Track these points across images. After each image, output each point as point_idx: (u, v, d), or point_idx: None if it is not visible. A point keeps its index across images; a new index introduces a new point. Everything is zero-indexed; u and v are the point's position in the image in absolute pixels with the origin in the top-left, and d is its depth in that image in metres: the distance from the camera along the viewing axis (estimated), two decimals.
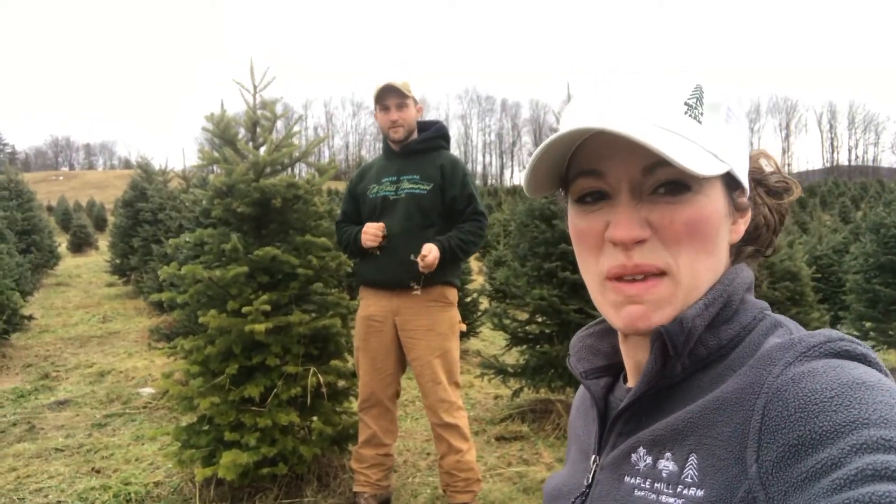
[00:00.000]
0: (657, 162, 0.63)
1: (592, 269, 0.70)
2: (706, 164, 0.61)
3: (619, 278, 0.67)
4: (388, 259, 3.12)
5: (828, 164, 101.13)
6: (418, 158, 3.24)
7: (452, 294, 3.24)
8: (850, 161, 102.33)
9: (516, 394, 5.05)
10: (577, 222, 0.71)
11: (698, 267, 0.65)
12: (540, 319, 5.06)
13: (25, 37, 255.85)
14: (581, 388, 0.87)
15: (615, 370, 0.81)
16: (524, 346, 5.11)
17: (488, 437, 4.57)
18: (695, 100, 0.65)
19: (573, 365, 0.82)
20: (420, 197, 3.15)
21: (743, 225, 0.71)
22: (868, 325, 7.27)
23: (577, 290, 4.78)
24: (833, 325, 9.06)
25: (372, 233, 3.10)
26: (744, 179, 0.69)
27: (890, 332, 6.87)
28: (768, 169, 0.77)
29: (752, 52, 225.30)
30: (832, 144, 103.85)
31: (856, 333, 7.57)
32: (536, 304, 4.79)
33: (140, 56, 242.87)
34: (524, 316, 5.26)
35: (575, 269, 4.75)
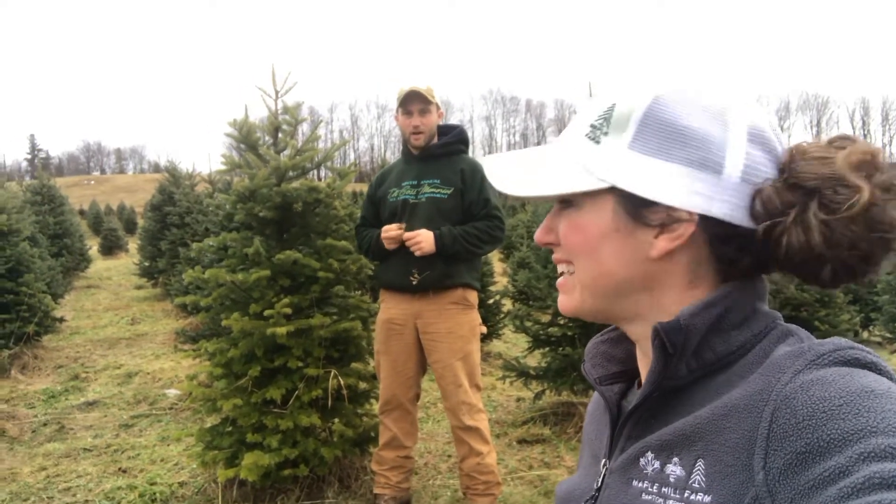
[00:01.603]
0: None
1: None
2: (559, 185, 0.69)
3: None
4: (409, 262, 3.13)
5: None
6: (438, 163, 3.24)
7: (473, 296, 3.24)
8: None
9: (538, 396, 5.03)
10: None
11: (585, 268, 0.73)
12: (562, 322, 5.04)
13: (60, 45, 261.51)
14: (595, 393, 0.87)
15: (629, 376, 0.81)
16: (546, 349, 5.09)
17: (510, 440, 4.56)
18: (602, 120, 0.69)
19: (588, 371, 0.83)
20: (440, 201, 3.15)
21: (666, 242, 0.67)
22: None
23: None
24: (865, 326, 8.89)
25: (392, 236, 3.11)
26: (654, 195, 0.66)
27: None
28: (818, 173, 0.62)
29: (782, 49, 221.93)
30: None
31: (889, 335, 7.42)
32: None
33: (170, 61, 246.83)
34: (546, 318, 5.24)
35: None
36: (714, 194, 0.65)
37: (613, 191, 0.68)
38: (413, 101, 3.17)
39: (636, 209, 0.68)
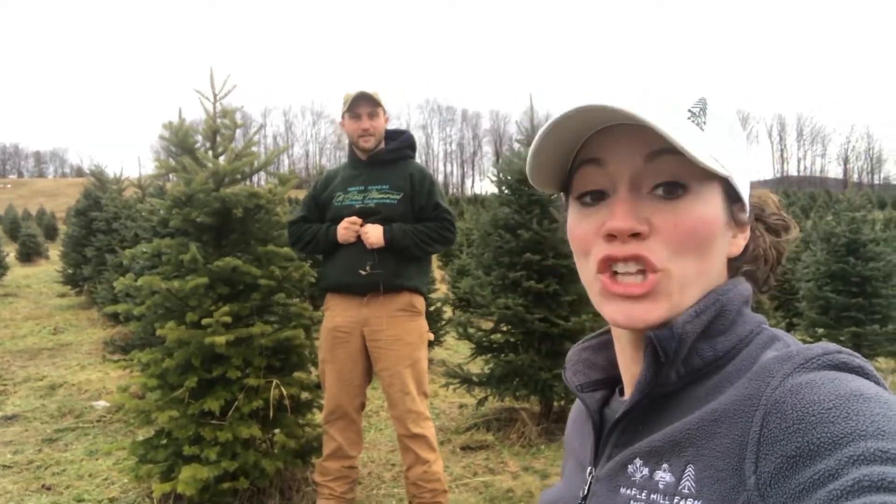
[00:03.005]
0: (661, 149, 0.63)
1: (586, 268, 0.71)
2: (708, 161, 0.62)
3: (612, 273, 0.67)
4: (358, 259, 3.08)
5: (778, 175, 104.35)
6: (386, 168, 3.21)
7: (420, 303, 3.22)
8: (799, 172, 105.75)
9: (481, 403, 5.04)
10: (574, 224, 0.71)
11: (692, 270, 0.66)
12: (505, 328, 5.07)
13: None
14: (577, 401, 0.86)
15: (611, 384, 0.81)
16: (489, 355, 5.11)
17: (453, 447, 4.55)
18: (698, 109, 0.67)
19: (569, 378, 0.82)
20: (390, 207, 3.12)
21: (742, 240, 0.71)
22: (820, 331, 7.46)
23: (542, 299, 4.80)
24: (788, 331, 9.27)
25: (352, 229, 3.06)
26: (744, 194, 0.69)
27: (841, 339, 7.07)
28: (769, 207, 0.78)
29: (706, 65, 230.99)
30: (782, 156, 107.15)
31: (809, 340, 7.77)
32: (501, 313, 4.79)
33: (93, 61, 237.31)
34: (489, 325, 5.26)
35: (540, 279, 4.79)
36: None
37: (721, 182, 0.67)
38: (361, 104, 3.13)
39: (730, 205, 0.69)
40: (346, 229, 3.08)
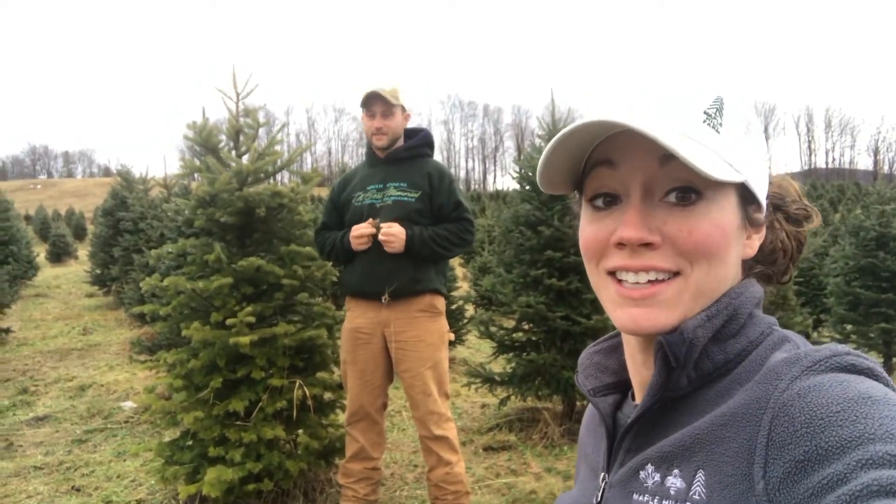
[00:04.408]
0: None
1: (595, 271, 0.71)
2: (720, 170, 0.61)
3: (620, 280, 0.67)
4: (376, 269, 3.08)
5: (806, 167, 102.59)
6: (404, 166, 3.20)
7: (441, 303, 3.21)
8: (827, 164, 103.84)
9: (503, 402, 5.02)
10: (585, 227, 0.71)
11: (710, 276, 0.65)
12: (526, 327, 5.04)
13: (1, 44, 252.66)
14: (590, 405, 0.86)
15: (623, 387, 0.80)
16: (511, 354, 5.09)
17: (476, 448, 4.54)
18: (714, 110, 0.66)
19: (581, 382, 0.82)
20: (408, 205, 3.10)
21: (757, 241, 0.71)
22: (849, 327, 7.34)
23: (564, 297, 4.77)
24: (815, 327, 9.15)
25: (364, 233, 3.05)
26: (760, 194, 0.68)
27: (871, 335, 6.95)
28: (790, 196, 0.76)
29: (731, 56, 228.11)
30: (810, 147, 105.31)
31: (837, 336, 7.64)
32: (523, 311, 4.77)
33: (120, 63, 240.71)
34: (510, 323, 5.24)
35: (561, 276, 4.76)
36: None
37: (737, 186, 0.66)
38: (374, 103, 3.12)
39: (745, 207, 0.68)
40: (357, 237, 3.07)
